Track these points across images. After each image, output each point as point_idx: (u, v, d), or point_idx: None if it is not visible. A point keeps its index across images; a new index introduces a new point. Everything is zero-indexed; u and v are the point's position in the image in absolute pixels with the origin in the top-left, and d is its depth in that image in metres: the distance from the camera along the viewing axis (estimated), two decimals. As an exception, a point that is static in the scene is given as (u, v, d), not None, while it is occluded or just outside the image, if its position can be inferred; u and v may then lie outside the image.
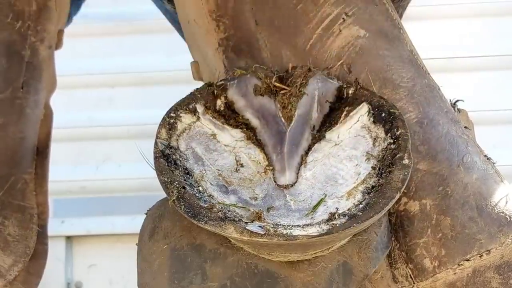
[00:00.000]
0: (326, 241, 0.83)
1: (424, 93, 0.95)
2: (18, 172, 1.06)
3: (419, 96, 0.95)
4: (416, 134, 0.94)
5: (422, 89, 0.95)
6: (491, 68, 2.34)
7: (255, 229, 0.83)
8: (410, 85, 0.95)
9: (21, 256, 1.05)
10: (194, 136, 0.94)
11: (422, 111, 0.94)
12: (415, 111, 0.95)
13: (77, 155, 2.27)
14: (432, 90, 0.97)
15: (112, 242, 2.28)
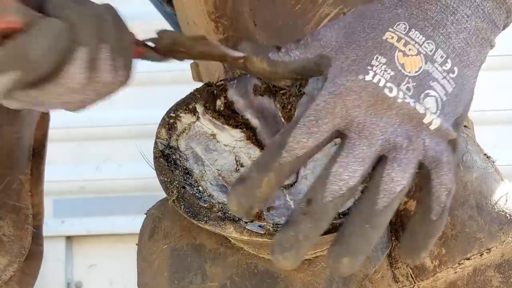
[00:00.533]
0: (326, 241, 0.83)
1: None
2: (13, 173, 1.06)
3: None
4: None
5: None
6: (491, 68, 2.34)
7: (255, 228, 0.83)
8: None
9: (16, 256, 1.05)
10: (193, 136, 0.94)
11: None
12: None
13: (77, 155, 2.27)
14: None
15: (112, 242, 2.28)
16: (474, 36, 0.78)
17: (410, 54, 0.75)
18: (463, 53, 0.77)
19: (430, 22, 0.76)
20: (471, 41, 0.78)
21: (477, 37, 0.78)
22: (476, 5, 0.78)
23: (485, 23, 0.78)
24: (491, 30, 0.79)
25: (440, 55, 0.76)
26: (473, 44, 0.78)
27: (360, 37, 0.77)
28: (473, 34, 0.78)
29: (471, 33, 0.77)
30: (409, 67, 0.75)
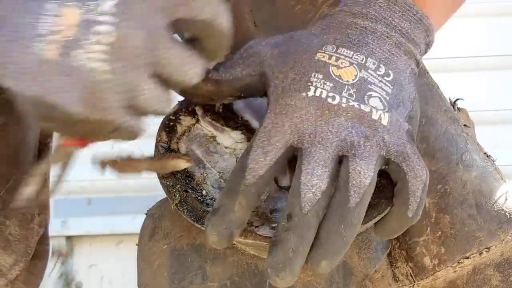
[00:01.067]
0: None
1: (423, 91, 0.95)
2: (19, 172, 1.06)
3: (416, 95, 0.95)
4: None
5: (420, 87, 0.95)
6: (491, 68, 2.35)
7: (266, 232, 0.83)
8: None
9: (22, 255, 1.05)
10: (194, 138, 0.94)
11: (421, 109, 0.95)
12: None
13: (77, 155, 2.27)
14: (431, 89, 0.97)
15: (112, 242, 2.28)
16: (397, 48, 0.83)
17: (343, 66, 0.80)
18: (391, 62, 0.82)
19: (354, 42, 0.82)
20: (395, 52, 0.82)
21: (400, 49, 0.83)
22: (393, 25, 0.83)
23: (405, 39, 0.83)
24: (413, 46, 0.84)
25: (372, 62, 0.81)
26: (399, 54, 0.83)
27: (295, 58, 0.81)
28: (396, 47, 0.83)
29: (394, 46, 0.83)
30: (346, 76, 0.80)
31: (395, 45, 0.83)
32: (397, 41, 0.83)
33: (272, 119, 0.78)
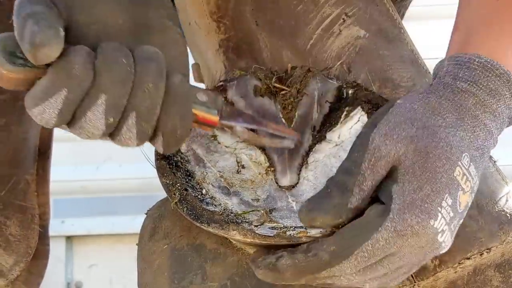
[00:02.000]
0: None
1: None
2: (20, 172, 1.06)
3: None
4: None
5: (422, 88, 0.95)
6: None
7: (264, 231, 0.83)
8: (410, 84, 0.95)
9: (23, 256, 1.05)
10: (194, 137, 0.94)
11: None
12: None
13: (77, 155, 2.27)
14: None
15: (112, 242, 2.28)
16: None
17: (467, 190, 0.78)
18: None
19: (479, 151, 0.80)
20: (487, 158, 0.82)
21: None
22: (501, 125, 0.82)
23: (496, 139, 0.83)
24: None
25: (477, 184, 0.80)
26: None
27: (436, 167, 0.77)
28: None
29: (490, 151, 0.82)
30: (462, 204, 0.78)
31: (493, 148, 0.83)
32: (495, 145, 0.82)
33: (388, 237, 0.76)
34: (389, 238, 0.75)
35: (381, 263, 0.77)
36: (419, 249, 0.77)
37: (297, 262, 0.78)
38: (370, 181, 0.77)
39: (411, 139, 0.77)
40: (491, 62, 0.81)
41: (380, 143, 0.78)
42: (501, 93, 0.80)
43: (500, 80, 0.81)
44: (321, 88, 0.95)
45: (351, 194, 0.77)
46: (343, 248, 0.76)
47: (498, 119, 0.81)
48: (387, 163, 0.77)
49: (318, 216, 0.77)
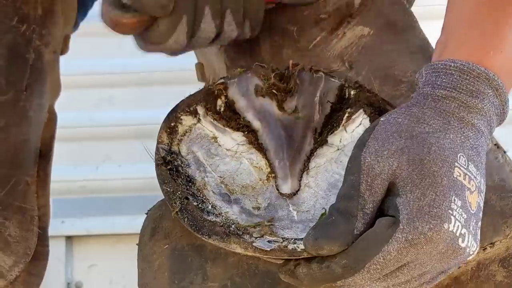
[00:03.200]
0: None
1: None
2: (20, 174, 1.06)
3: None
4: None
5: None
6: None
7: (262, 245, 0.82)
8: (413, 78, 0.95)
9: (22, 257, 1.05)
10: (195, 139, 0.93)
11: None
12: None
13: (77, 155, 2.27)
14: None
15: (112, 242, 2.28)
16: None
17: (473, 190, 0.77)
18: (485, 172, 0.80)
19: (474, 151, 0.79)
20: (485, 158, 0.81)
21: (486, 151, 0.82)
22: (490, 123, 0.81)
23: (490, 136, 0.82)
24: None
25: (482, 183, 0.79)
26: (485, 159, 0.81)
27: (434, 171, 0.76)
28: (486, 150, 0.81)
29: (485, 150, 0.81)
30: (473, 205, 0.77)
31: (487, 148, 0.82)
32: (488, 143, 0.83)
33: (400, 247, 0.75)
34: (401, 249, 0.75)
35: (401, 271, 0.76)
36: (439, 256, 0.76)
37: (312, 272, 0.78)
38: (371, 202, 0.77)
39: (401, 151, 0.77)
40: (467, 65, 0.80)
41: (372, 162, 0.77)
42: (483, 92, 0.80)
43: (479, 80, 0.80)
44: (323, 88, 0.95)
45: (356, 220, 0.76)
46: (354, 261, 0.75)
47: (485, 117, 0.80)
48: (383, 181, 0.77)
49: (325, 245, 0.76)
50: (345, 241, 0.76)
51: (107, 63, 2.24)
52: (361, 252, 0.75)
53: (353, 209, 0.77)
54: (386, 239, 0.75)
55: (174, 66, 2.17)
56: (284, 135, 0.94)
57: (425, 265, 0.76)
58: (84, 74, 2.24)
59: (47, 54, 1.11)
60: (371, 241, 0.75)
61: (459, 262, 0.77)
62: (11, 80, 1.07)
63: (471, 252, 0.77)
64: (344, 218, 0.77)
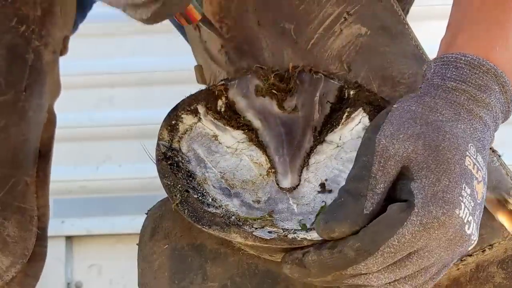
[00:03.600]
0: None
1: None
2: (19, 174, 1.06)
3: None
4: None
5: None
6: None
7: (263, 234, 0.83)
8: (411, 80, 0.95)
9: (20, 257, 1.05)
10: (195, 137, 0.94)
11: None
12: None
13: (77, 155, 2.27)
14: None
15: (112, 242, 2.27)
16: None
17: (480, 180, 0.79)
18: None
19: (481, 143, 0.80)
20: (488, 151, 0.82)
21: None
22: (496, 119, 0.83)
23: (495, 131, 0.84)
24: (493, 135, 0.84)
25: (486, 176, 0.80)
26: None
27: (448, 158, 0.77)
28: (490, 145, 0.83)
29: (490, 144, 0.82)
30: (479, 194, 0.78)
31: (492, 142, 0.83)
32: (493, 139, 0.83)
33: (414, 231, 0.75)
34: (415, 232, 0.75)
35: (410, 259, 0.76)
36: (447, 243, 0.76)
37: (323, 258, 0.78)
38: (382, 183, 0.77)
39: (417, 136, 0.78)
40: (477, 59, 0.82)
41: (387, 144, 0.78)
42: (490, 87, 0.81)
43: (487, 75, 0.82)
44: (323, 88, 0.95)
45: (366, 199, 0.77)
46: (368, 244, 0.75)
47: (491, 112, 0.82)
48: (397, 163, 0.77)
49: (335, 227, 0.77)
50: (355, 221, 0.76)
51: (107, 63, 2.24)
52: (375, 235, 0.76)
53: (363, 189, 0.77)
54: (401, 222, 0.75)
55: (174, 66, 2.17)
56: (284, 133, 0.94)
57: (433, 253, 0.76)
58: (84, 74, 2.24)
59: (46, 55, 1.11)
60: (385, 224, 0.76)
61: (462, 251, 0.78)
62: (10, 81, 1.07)
63: (472, 240, 0.78)
64: (353, 198, 0.77)
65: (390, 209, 0.77)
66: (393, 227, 0.75)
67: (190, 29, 1.08)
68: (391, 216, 0.76)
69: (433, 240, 0.76)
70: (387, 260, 0.76)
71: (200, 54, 1.10)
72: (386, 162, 0.78)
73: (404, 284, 0.78)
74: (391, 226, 0.75)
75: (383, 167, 0.77)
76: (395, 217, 0.76)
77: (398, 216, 0.76)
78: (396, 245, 0.75)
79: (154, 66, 2.24)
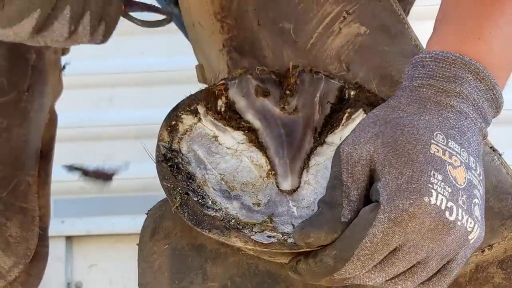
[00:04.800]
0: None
1: None
2: (21, 174, 1.06)
3: None
4: None
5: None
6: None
7: (262, 239, 0.83)
8: None
9: (22, 257, 1.05)
10: (195, 138, 0.94)
11: None
12: None
13: (77, 155, 2.27)
14: None
15: (112, 242, 2.27)
16: (480, 135, 0.80)
17: (457, 165, 0.77)
18: (479, 156, 0.79)
19: (455, 130, 0.78)
20: (479, 140, 0.80)
21: (480, 135, 0.81)
22: (479, 108, 0.80)
23: (483, 122, 0.81)
24: (485, 126, 0.82)
25: (472, 161, 0.78)
26: (480, 142, 0.80)
27: (408, 150, 0.76)
28: (480, 134, 0.80)
29: (479, 133, 0.80)
30: (459, 179, 0.76)
31: (480, 131, 0.81)
32: (480, 126, 0.81)
33: (384, 228, 0.74)
34: (386, 229, 0.74)
35: (396, 256, 0.76)
36: (430, 233, 0.75)
37: (309, 267, 0.78)
38: (355, 189, 0.77)
39: (376, 136, 0.78)
40: (441, 54, 0.81)
41: (350, 150, 0.78)
42: (461, 76, 0.80)
43: (455, 66, 0.80)
44: (323, 89, 0.95)
45: (342, 207, 0.77)
46: (343, 250, 0.75)
47: (467, 100, 0.80)
48: (363, 167, 0.77)
49: (311, 232, 0.76)
50: (331, 228, 0.76)
51: (107, 63, 2.24)
52: (348, 240, 0.75)
53: (338, 197, 0.77)
54: (370, 222, 0.74)
55: (174, 66, 2.17)
56: (284, 134, 0.94)
57: (419, 246, 0.75)
58: (84, 74, 2.24)
59: (48, 55, 1.11)
60: (356, 227, 0.75)
61: (457, 240, 0.76)
62: (12, 81, 1.07)
63: (467, 227, 0.76)
64: (330, 206, 0.77)
65: (361, 212, 0.76)
66: (363, 229, 0.75)
67: (192, 29, 1.08)
68: (361, 218, 0.76)
69: (411, 233, 0.75)
70: (366, 262, 0.75)
71: (201, 53, 1.10)
72: (353, 168, 0.77)
73: (405, 281, 0.77)
74: (361, 228, 0.75)
75: (352, 174, 0.77)
76: (364, 219, 0.75)
77: (367, 217, 0.75)
78: (370, 246, 0.75)
79: (154, 66, 2.24)
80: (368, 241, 0.74)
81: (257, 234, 0.84)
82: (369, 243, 0.75)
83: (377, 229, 0.74)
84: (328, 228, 0.76)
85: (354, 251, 0.75)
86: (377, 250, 0.75)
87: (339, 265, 0.76)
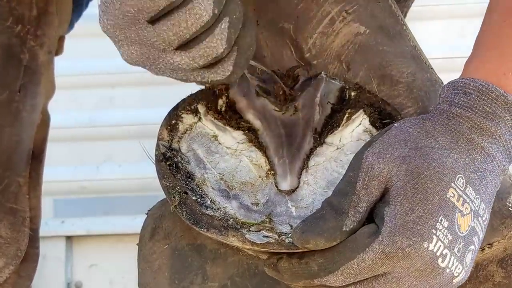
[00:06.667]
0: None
1: (425, 87, 0.95)
2: (12, 175, 1.06)
3: (419, 90, 0.95)
4: None
5: (423, 83, 0.95)
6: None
7: (258, 239, 0.83)
8: (410, 80, 0.95)
9: (13, 258, 1.05)
10: (195, 137, 0.94)
11: (422, 105, 0.94)
12: (414, 106, 0.95)
13: (77, 155, 2.27)
14: (434, 84, 0.97)
15: (112, 242, 2.27)
16: (500, 177, 0.80)
17: (466, 213, 0.77)
18: (492, 198, 0.79)
19: (478, 174, 0.78)
20: (497, 183, 0.80)
21: (501, 177, 0.80)
22: (507, 148, 0.80)
23: (508, 162, 0.81)
24: (508, 165, 0.81)
25: (482, 208, 0.78)
26: (498, 184, 0.80)
27: (427, 188, 0.76)
28: (499, 176, 0.80)
29: (499, 176, 0.80)
30: (463, 227, 0.77)
31: (501, 173, 0.80)
32: (503, 168, 0.80)
33: (375, 258, 0.75)
34: (376, 259, 0.75)
35: (377, 280, 0.77)
36: (418, 273, 0.76)
37: (292, 266, 0.78)
38: (365, 202, 0.77)
39: (403, 159, 0.77)
40: (486, 86, 0.80)
41: (373, 162, 0.78)
42: (499, 115, 0.79)
43: (497, 102, 0.80)
44: (324, 89, 0.95)
45: (347, 216, 0.77)
46: (330, 262, 0.76)
47: (499, 142, 0.79)
48: (380, 183, 0.77)
49: (311, 239, 0.77)
50: (332, 236, 0.76)
51: (107, 63, 2.24)
52: (337, 255, 0.76)
53: (345, 204, 0.77)
54: (363, 248, 0.75)
55: (174, 66, 2.17)
56: (284, 134, 0.94)
57: (403, 280, 0.76)
58: (84, 74, 2.24)
59: (41, 55, 1.11)
60: (349, 246, 0.76)
61: (441, 283, 0.77)
62: (5, 81, 1.07)
63: (454, 273, 0.76)
64: (335, 213, 0.77)
65: (360, 232, 0.77)
66: (355, 251, 0.75)
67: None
68: (358, 239, 0.76)
69: (399, 268, 0.75)
70: (348, 279, 0.76)
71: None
72: (370, 182, 0.77)
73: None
74: (354, 250, 0.76)
75: (367, 186, 0.77)
76: (360, 241, 0.76)
77: (363, 241, 0.76)
78: (355, 268, 0.75)
79: (154, 66, 2.23)
80: (356, 263, 0.75)
81: (253, 233, 0.84)
82: (356, 265, 0.75)
83: (368, 256, 0.75)
84: (328, 236, 0.77)
85: (340, 267, 0.76)
86: (362, 273, 0.76)
87: (322, 273, 0.77)
